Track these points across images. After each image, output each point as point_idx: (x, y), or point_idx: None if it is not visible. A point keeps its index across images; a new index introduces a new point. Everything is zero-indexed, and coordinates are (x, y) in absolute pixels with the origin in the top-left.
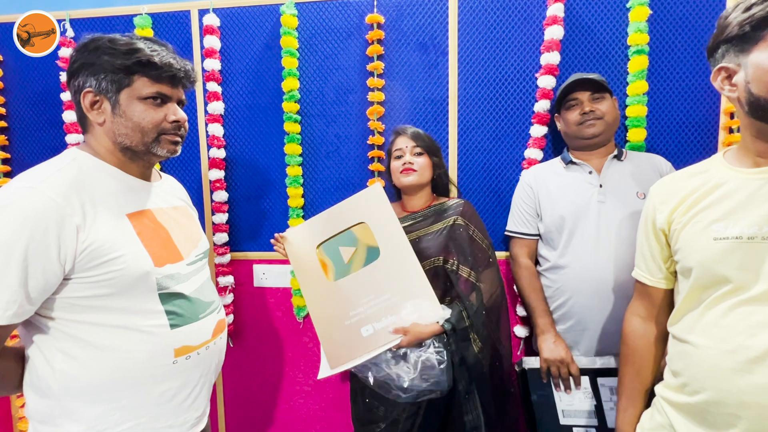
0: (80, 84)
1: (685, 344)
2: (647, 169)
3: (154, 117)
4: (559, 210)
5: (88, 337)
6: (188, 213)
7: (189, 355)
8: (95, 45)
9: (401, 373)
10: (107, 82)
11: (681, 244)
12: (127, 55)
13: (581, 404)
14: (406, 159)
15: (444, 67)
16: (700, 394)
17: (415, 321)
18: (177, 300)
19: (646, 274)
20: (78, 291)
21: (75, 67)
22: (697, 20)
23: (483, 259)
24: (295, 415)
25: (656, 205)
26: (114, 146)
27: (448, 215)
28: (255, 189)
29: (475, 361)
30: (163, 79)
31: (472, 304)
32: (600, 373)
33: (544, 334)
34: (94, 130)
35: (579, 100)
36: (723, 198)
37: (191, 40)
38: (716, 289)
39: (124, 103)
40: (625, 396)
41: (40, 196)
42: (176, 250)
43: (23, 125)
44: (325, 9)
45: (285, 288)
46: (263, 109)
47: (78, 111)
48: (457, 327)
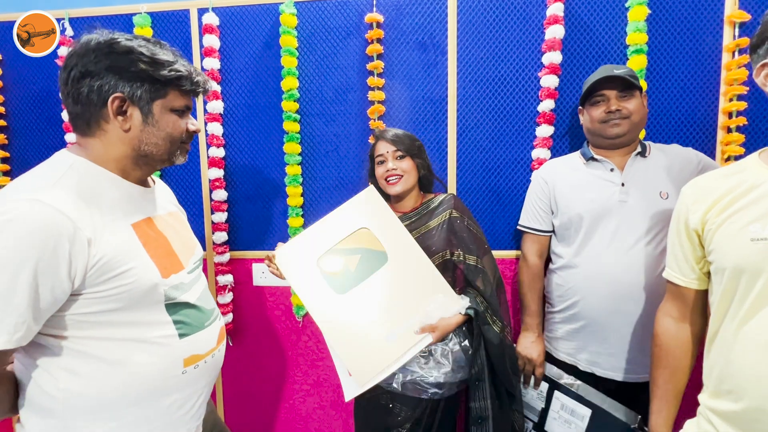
0: (104, 87)
1: (729, 351)
2: (676, 165)
3: (182, 127)
4: (576, 208)
5: (96, 353)
6: (181, 218)
7: (197, 364)
8: (122, 48)
9: (434, 370)
10: (143, 91)
11: (716, 245)
12: (165, 67)
13: (532, 400)
14: (389, 166)
15: (443, 66)
16: (744, 401)
17: (442, 316)
18: (184, 309)
19: (678, 275)
20: (86, 307)
21: (97, 68)
22: (696, 20)
23: (481, 247)
24: (294, 414)
25: (689, 206)
26: (129, 153)
27: (441, 210)
28: (254, 188)
29: (498, 341)
30: (191, 93)
31: (485, 288)
32: (559, 388)
33: (527, 332)
34: (105, 135)
35: (606, 96)
36: (760, 198)
37: (190, 39)
38: (755, 291)
39: (157, 113)
40: (658, 397)
41: (48, 210)
42: (177, 259)
43: (23, 124)
44: (324, 8)
45: (284, 287)
46: (262, 108)
47: (86, 112)
48: (478, 311)
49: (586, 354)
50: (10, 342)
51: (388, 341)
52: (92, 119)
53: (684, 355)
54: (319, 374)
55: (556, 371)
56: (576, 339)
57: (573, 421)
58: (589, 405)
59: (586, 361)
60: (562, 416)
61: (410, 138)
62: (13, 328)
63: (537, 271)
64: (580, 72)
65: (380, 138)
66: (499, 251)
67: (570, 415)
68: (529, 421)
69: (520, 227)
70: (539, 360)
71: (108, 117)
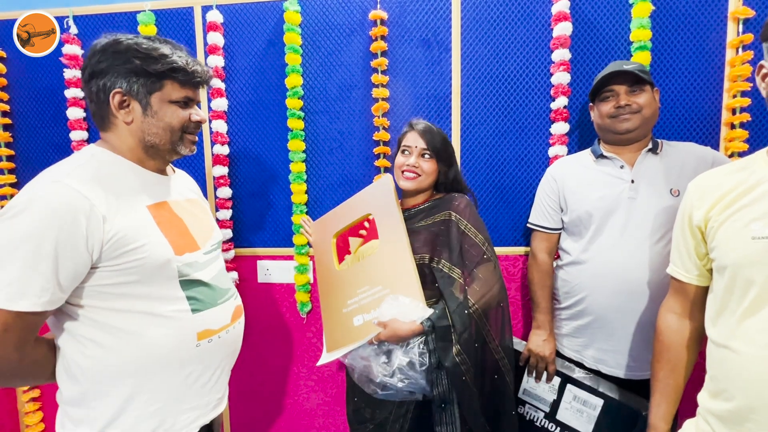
0: (107, 84)
1: (726, 349)
2: (688, 162)
3: (182, 117)
4: (585, 205)
5: (116, 323)
6: (201, 205)
7: (211, 338)
8: (122, 47)
9: (380, 369)
10: (139, 85)
11: (717, 243)
12: (159, 61)
13: (543, 393)
14: (411, 161)
15: (447, 63)
16: (736, 400)
17: (395, 316)
18: (197, 286)
19: (682, 271)
20: (105, 279)
21: (101, 68)
22: (699, 16)
23: (476, 255)
24: (299, 409)
25: (694, 202)
26: (138, 143)
27: (441, 210)
28: (259, 185)
29: (452, 366)
30: (190, 84)
31: (457, 302)
32: (572, 382)
33: (538, 329)
34: (116, 129)
35: (615, 92)
36: (762, 197)
37: (194, 37)
38: (754, 290)
39: (155, 105)
40: (659, 392)
41: (67, 190)
42: (193, 240)
43: (27, 122)
44: (328, 5)
45: (289, 284)
46: (267, 106)
47: (98, 109)
48: (437, 325)
49: (593, 351)
50: (36, 305)
51: (354, 323)
52: (104, 115)
53: (685, 350)
54: (323, 370)
55: (568, 365)
56: (582, 335)
57: (585, 411)
58: (600, 395)
59: (592, 358)
60: (574, 406)
61: (444, 141)
62: (40, 291)
63: (547, 268)
64: (586, 69)
65: (413, 128)
66: (504, 248)
67: (582, 405)
68: (540, 411)
69: (530, 225)
70: (551, 357)
71: (114, 111)
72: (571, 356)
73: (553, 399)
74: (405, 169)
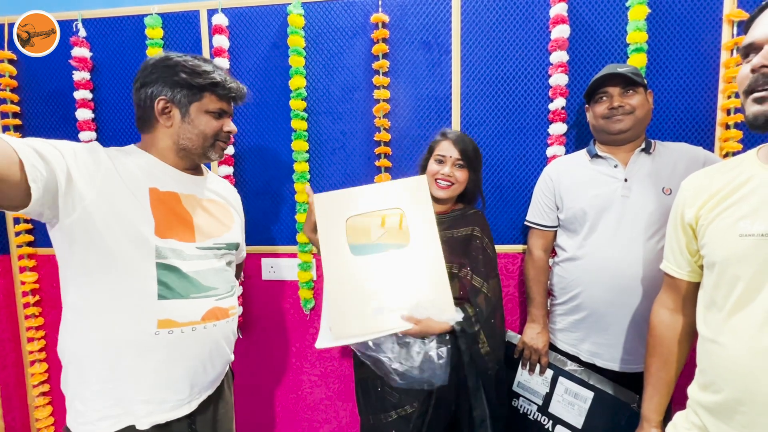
0: (154, 92)
1: (714, 344)
2: (680, 162)
3: (214, 126)
4: (580, 203)
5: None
6: (223, 207)
7: (172, 330)
8: (171, 63)
9: (402, 359)
10: (182, 95)
11: (707, 240)
12: (201, 76)
13: (536, 386)
14: (447, 171)
15: (447, 65)
16: (724, 392)
17: (431, 316)
18: (172, 273)
19: (674, 267)
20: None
21: (151, 79)
22: (695, 19)
23: (491, 270)
24: (302, 404)
25: (686, 200)
26: (172, 145)
27: (467, 223)
28: (263, 184)
29: (483, 362)
30: (226, 98)
31: (482, 311)
32: (564, 375)
33: (533, 323)
34: (157, 131)
35: (609, 93)
36: (750, 194)
37: (200, 40)
38: (740, 286)
39: (193, 113)
40: (651, 385)
41: (99, 145)
42: (191, 233)
43: (37, 123)
44: (331, 8)
45: (292, 281)
46: (271, 107)
47: (143, 113)
48: (467, 330)
49: (588, 345)
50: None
51: (374, 313)
52: (148, 119)
53: (677, 345)
54: (327, 366)
55: (561, 358)
56: (578, 330)
57: (576, 403)
58: (591, 388)
59: (587, 352)
60: (565, 399)
61: (476, 152)
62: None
63: (542, 264)
64: (583, 70)
65: (448, 137)
66: (503, 245)
67: (573, 397)
68: (533, 404)
69: (527, 223)
70: (544, 350)
71: (156, 116)
72: (567, 350)
73: (546, 392)
74: (440, 177)
